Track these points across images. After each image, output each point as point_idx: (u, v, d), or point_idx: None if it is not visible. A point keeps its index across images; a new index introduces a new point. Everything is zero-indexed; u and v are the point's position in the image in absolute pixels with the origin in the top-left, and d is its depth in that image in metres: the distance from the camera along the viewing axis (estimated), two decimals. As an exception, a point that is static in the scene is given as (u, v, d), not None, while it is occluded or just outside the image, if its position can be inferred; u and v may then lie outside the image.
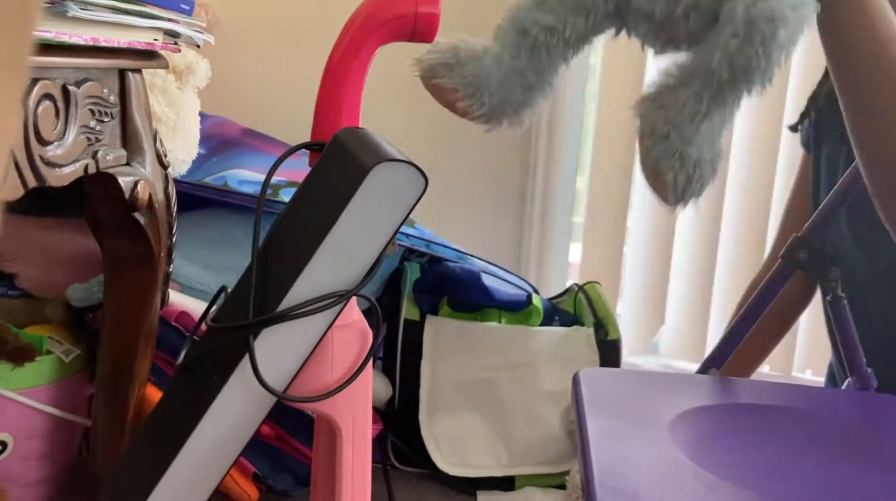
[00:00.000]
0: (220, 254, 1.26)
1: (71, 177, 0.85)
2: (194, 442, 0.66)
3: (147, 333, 1.05)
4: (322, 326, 0.66)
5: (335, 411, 0.71)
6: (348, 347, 0.70)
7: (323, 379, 0.69)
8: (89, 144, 0.87)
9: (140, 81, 0.96)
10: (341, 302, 0.65)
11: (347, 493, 0.73)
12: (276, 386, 0.66)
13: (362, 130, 0.67)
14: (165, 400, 0.74)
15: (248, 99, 1.71)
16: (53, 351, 1.16)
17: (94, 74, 0.87)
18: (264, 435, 1.18)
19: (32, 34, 0.29)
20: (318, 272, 0.64)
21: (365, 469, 0.74)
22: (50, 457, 1.18)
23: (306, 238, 0.64)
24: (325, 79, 0.68)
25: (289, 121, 1.61)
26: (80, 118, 0.85)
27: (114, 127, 0.92)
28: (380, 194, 0.62)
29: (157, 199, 1.00)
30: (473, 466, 1.29)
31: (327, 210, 0.63)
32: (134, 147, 0.96)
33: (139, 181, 0.95)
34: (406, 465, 1.36)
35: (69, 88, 0.83)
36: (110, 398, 1.08)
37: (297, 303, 0.64)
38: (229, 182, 1.29)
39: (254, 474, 1.18)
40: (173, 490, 0.67)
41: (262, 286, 0.66)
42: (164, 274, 1.06)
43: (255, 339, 0.64)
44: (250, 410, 0.67)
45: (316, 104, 0.70)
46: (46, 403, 1.13)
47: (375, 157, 0.61)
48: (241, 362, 0.65)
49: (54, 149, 0.82)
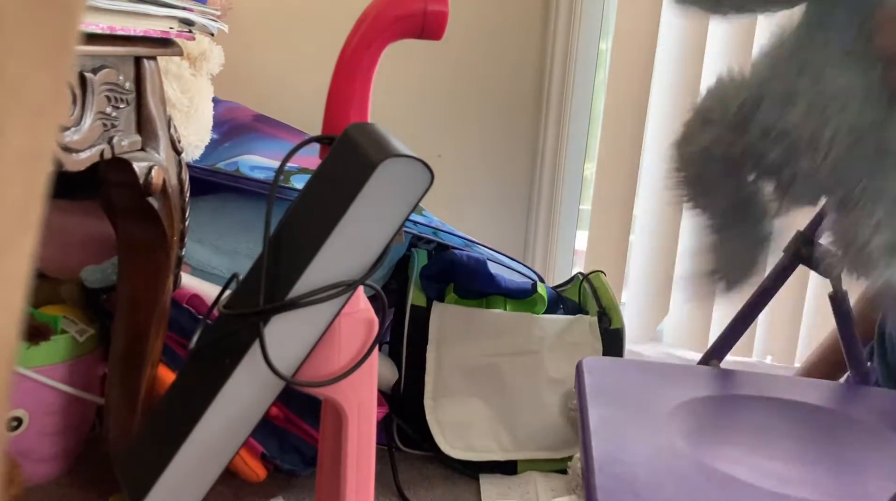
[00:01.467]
0: (232, 238, 1.28)
1: (87, 162, 0.87)
2: (205, 424, 0.69)
3: (159, 314, 1.08)
4: (330, 314, 0.68)
5: (341, 395, 0.73)
6: (355, 334, 0.72)
7: (330, 365, 0.71)
8: (105, 130, 0.89)
9: (155, 68, 0.98)
10: (349, 292, 0.67)
11: (352, 474, 0.75)
12: (284, 370, 0.68)
13: (371, 125, 0.69)
14: (178, 383, 0.76)
15: (260, 85, 1.73)
16: (68, 331, 1.18)
17: (110, 62, 0.89)
18: (273, 416, 1.21)
19: (79, 22, 0.30)
20: (327, 262, 0.66)
21: (370, 451, 0.76)
22: (63, 434, 1.20)
23: (316, 229, 0.66)
24: (335, 75, 0.70)
25: (300, 106, 1.63)
26: (96, 104, 0.87)
27: (129, 113, 0.94)
28: (387, 188, 0.64)
29: (171, 184, 1.01)
30: (476, 450, 1.32)
31: (336, 203, 0.65)
32: (148, 132, 0.98)
33: (153, 166, 0.97)
34: (410, 448, 1.38)
35: (86, 75, 0.84)
36: (123, 377, 1.11)
37: (306, 292, 0.66)
38: (241, 167, 1.31)
39: (262, 454, 1.20)
40: (184, 469, 0.69)
41: (273, 274, 0.68)
42: (176, 258, 1.08)
43: (265, 326, 0.66)
44: (260, 393, 0.70)
45: (327, 99, 0.71)
46: (60, 381, 1.16)
47: (383, 153, 0.63)
48: (251, 347, 0.67)
49: (71, 134, 0.83)
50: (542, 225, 1.82)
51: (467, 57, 1.76)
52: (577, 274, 1.53)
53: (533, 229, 1.83)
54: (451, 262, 1.36)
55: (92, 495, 1.19)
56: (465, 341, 1.34)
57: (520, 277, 1.44)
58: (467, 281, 1.35)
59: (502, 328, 1.34)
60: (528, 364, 1.33)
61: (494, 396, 1.33)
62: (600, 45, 1.78)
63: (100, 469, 1.23)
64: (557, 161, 1.78)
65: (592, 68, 1.78)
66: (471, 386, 1.33)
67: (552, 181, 1.79)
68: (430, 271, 1.37)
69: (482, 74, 1.77)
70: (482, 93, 1.79)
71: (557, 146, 1.78)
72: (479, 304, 1.37)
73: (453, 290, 1.37)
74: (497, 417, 1.33)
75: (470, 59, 1.76)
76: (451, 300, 1.37)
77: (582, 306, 1.44)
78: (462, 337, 1.34)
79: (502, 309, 1.37)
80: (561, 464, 1.34)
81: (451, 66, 1.76)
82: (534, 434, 1.32)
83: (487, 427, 1.32)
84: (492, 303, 1.38)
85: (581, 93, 1.76)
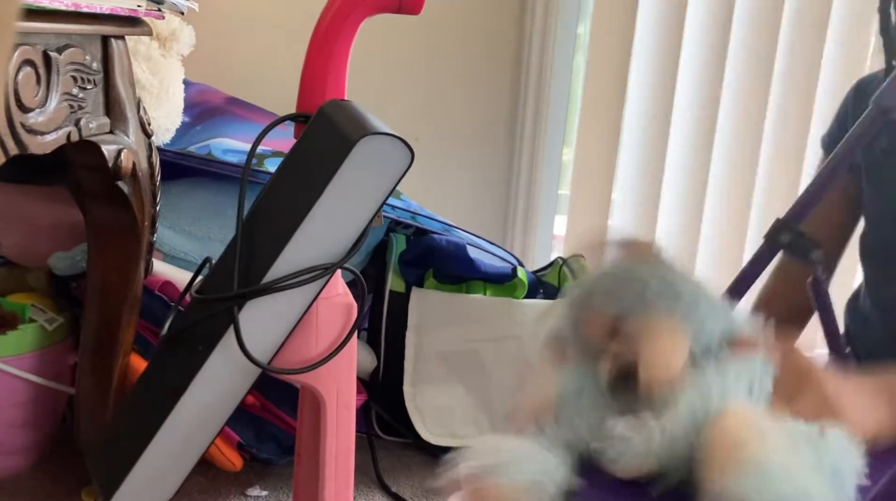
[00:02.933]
0: (204, 224, 1.26)
1: (53, 144, 0.84)
2: (179, 413, 0.66)
3: (131, 302, 1.05)
4: (307, 298, 0.66)
5: (319, 382, 0.71)
6: (333, 320, 0.70)
7: (307, 351, 0.69)
8: (72, 112, 0.86)
9: (123, 48, 0.95)
10: (326, 275, 0.66)
11: (331, 462, 0.73)
12: (260, 357, 0.66)
13: (348, 103, 0.67)
14: (150, 371, 0.74)
15: (232, 67, 1.69)
16: (36, 320, 1.15)
17: (75, 40, 0.86)
18: (249, 405, 1.19)
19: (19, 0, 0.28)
20: (303, 245, 0.64)
21: (349, 438, 0.74)
22: (33, 425, 1.18)
23: (291, 210, 0.64)
24: (310, 50, 0.68)
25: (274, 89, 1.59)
26: (61, 85, 0.84)
27: (97, 94, 0.91)
28: (365, 167, 0.62)
29: (141, 168, 0.99)
30: (457, 436, 1.31)
31: (312, 182, 0.63)
32: (117, 115, 0.95)
33: (123, 149, 0.94)
34: (390, 435, 1.37)
35: (50, 54, 0.81)
36: (94, 366, 1.08)
37: (281, 276, 0.64)
38: (213, 151, 1.28)
39: (238, 443, 1.18)
40: (158, 460, 0.67)
41: (247, 258, 0.66)
42: (147, 244, 1.05)
43: (239, 311, 0.64)
44: (235, 381, 0.68)
45: (301, 76, 0.69)
46: (29, 371, 1.13)
47: (361, 130, 0.61)
48: (225, 334, 0.65)
49: (36, 116, 0.81)
50: (521, 209, 1.81)
51: (444, 40, 1.74)
52: (557, 258, 1.52)
53: (512, 214, 1.82)
54: (430, 247, 1.34)
55: (63, 487, 1.16)
56: (444, 327, 1.33)
57: (500, 262, 1.42)
58: (447, 266, 1.34)
59: (482, 313, 1.33)
60: (508, 349, 1.32)
61: (475, 382, 1.32)
62: (578, 29, 1.77)
63: (71, 461, 1.21)
64: (536, 145, 1.77)
65: (570, 52, 1.77)
66: (451, 371, 1.32)
67: (531, 166, 1.78)
68: (408, 256, 1.35)
69: (459, 59, 1.75)
70: (460, 78, 1.77)
71: (536, 131, 1.76)
72: (458, 289, 1.36)
73: (433, 275, 1.35)
74: (478, 403, 1.32)
75: (447, 42, 1.74)
76: (431, 285, 1.35)
77: (562, 290, 1.43)
78: (442, 323, 1.33)
79: (482, 295, 1.36)
80: (541, 450, 1.33)
81: (427, 51, 1.73)
82: (514, 419, 1.32)
83: (468, 413, 1.31)
84: (472, 289, 1.37)
85: (559, 78, 1.75)
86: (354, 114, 0.64)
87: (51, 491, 1.15)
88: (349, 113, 0.64)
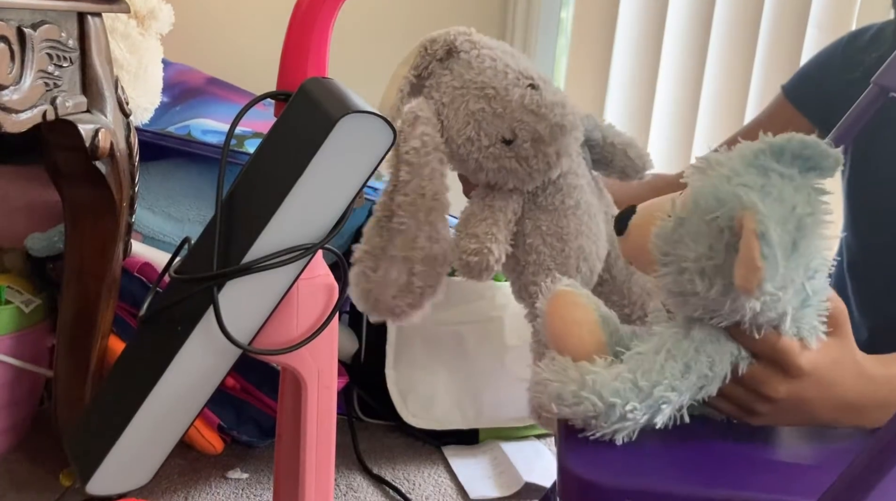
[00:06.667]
0: (183, 205, 1.24)
1: (28, 123, 0.83)
2: (157, 394, 0.66)
3: (109, 283, 1.04)
4: (288, 279, 0.66)
5: (300, 364, 0.71)
6: (314, 300, 0.70)
7: (288, 332, 0.69)
8: (47, 90, 0.85)
9: (100, 26, 0.93)
10: (307, 256, 0.65)
11: (312, 445, 0.73)
12: (241, 338, 0.65)
13: (329, 80, 0.66)
14: (128, 352, 0.73)
15: (212, 46, 1.67)
16: (13, 301, 1.14)
17: (51, 17, 0.84)
18: (229, 387, 1.18)
19: None
20: (284, 224, 0.63)
21: (330, 420, 0.74)
22: (10, 408, 1.16)
23: (272, 189, 0.63)
24: (291, 26, 0.66)
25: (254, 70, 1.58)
26: (36, 62, 0.82)
27: (73, 72, 0.90)
28: (347, 146, 0.61)
29: (119, 148, 0.97)
30: (439, 419, 1.31)
31: (293, 161, 0.62)
32: (94, 93, 0.93)
33: (100, 129, 0.92)
34: (372, 417, 1.37)
35: (25, 31, 0.80)
36: (72, 348, 1.07)
37: (262, 256, 0.63)
38: (193, 131, 1.26)
39: (218, 425, 1.18)
40: (136, 443, 0.67)
41: (227, 237, 0.65)
42: (126, 225, 1.04)
43: (219, 291, 0.64)
44: (215, 362, 0.67)
45: (282, 52, 0.68)
46: (6, 353, 1.12)
47: (343, 108, 0.60)
48: (205, 314, 0.64)
49: (10, 93, 0.79)
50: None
51: (427, 22, 1.72)
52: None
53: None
54: (412, 230, 1.33)
55: (42, 470, 1.15)
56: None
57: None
58: (428, 248, 1.33)
59: (464, 295, 1.33)
60: (490, 331, 1.32)
61: (456, 364, 1.32)
62: (561, 14, 1.76)
63: (49, 444, 1.20)
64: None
65: (554, 36, 1.76)
66: (433, 354, 1.32)
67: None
68: (390, 239, 1.35)
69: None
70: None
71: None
72: (440, 272, 1.35)
73: (414, 258, 1.35)
74: (459, 385, 1.32)
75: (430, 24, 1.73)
76: (412, 268, 1.34)
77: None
78: (423, 306, 1.32)
79: (464, 277, 1.36)
80: (522, 432, 1.34)
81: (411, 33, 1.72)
82: (496, 402, 1.32)
83: (450, 396, 1.31)
84: (454, 271, 1.36)
85: (542, 61, 1.75)
86: (336, 91, 0.63)
87: (29, 474, 1.14)
88: (331, 91, 0.63)
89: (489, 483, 1.22)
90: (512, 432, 1.33)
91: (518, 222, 0.81)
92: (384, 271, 0.78)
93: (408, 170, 0.75)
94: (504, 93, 0.76)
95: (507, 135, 0.76)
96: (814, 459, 0.64)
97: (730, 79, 1.63)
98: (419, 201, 0.75)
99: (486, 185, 0.80)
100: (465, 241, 0.78)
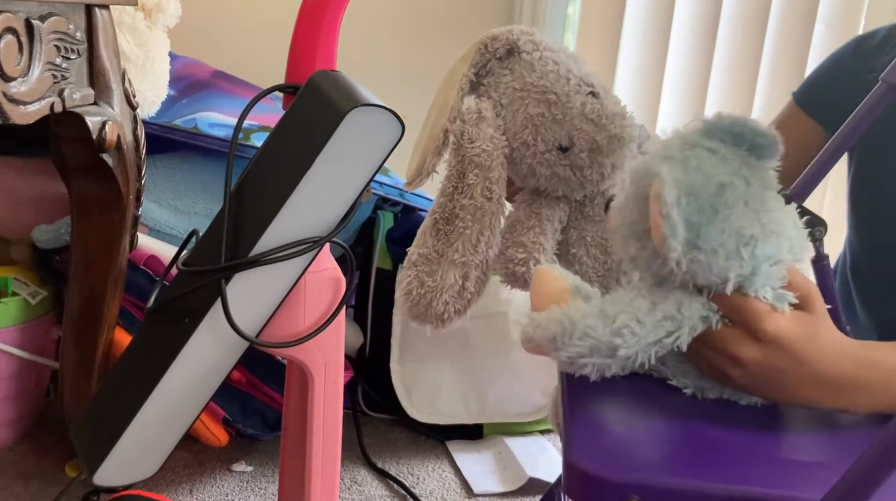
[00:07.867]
0: (190, 198, 1.24)
1: (36, 115, 0.83)
2: (164, 387, 0.66)
3: (116, 276, 1.04)
4: (295, 272, 0.66)
5: (307, 357, 0.71)
6: (321, 294, 0.70)
7: (295, 325, 0.69)
8: (55, 82, 0.85)
9: (108, 18, 0.93)
10: (315, 249, 0.65)
11: (318, 438, 0.73)
12: (248, 330, 0.65)
13: (338, 73, 0.66)
14: (135, 344, 0.73)
15: (219, 39, 1.67)
16: (19, 293, 1.14)
17: (59, 9, 0.84)
18: (235, 380, 1.18)
19: None
20: (292, 217, 0.63)
21: (336, 414, 0.74)
22: (17, 399, 1.17)
23: (280, 182, 0.63)
24: (300, 19, 0.66)
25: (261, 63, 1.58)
26: (44, 54, 0.82)
27: (80, 64, 0.90)
28: (355, 139, 0.61)
29: (126, 140, 0.97)
30: (443, 414, 1.31)
31: (301, 154, 0.62)
32: (102, 86, 0.93)
33: (107, 121, 0.92)
34: (376, 412, 1.37)
35: (33, 23, 0.80)
36: (78, 340, 1.07)
37: (270, 249, 0.63)
38: (200, 125, 1.26)
39: (224, 418, 1.18)
40: (142, 435, 0.67)
41: (235, 230, 0.65)
42: (132, 217, 1.04)
43: (227, 284, 0.64)
44: (222, 355, 0.67)
45: (290, 45, 0.68)
46: (13, 345, 1.12)
47: (351, 101, 0.60)
48: (212, 306, 0.64)
49: (18, 85, 0.79)
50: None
51: (435, 18, 1.72)
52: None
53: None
54: (418, 225, 1.33)
55: (48, 462, 1.15)
56: (431, 304, 1.32)
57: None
58: (434, 243, 1.33)
59: (469, 291, 1.33)
60: (494, 326, 1.32)
61: (461, 359, 1.32)
62: (568, 9, 1.76)
63: (55, 436, 1.20)
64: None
65: (560, 32, 1.76)
66: (438, 349, 1.32)
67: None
68: (396, 234, 1.35)
69: (450, 37, 1.74)
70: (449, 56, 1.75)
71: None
72: (445, 267, 1.35)
73: (420, 253, 1.35)
74: (464, 380, 1.32)
75: (437, 20, 1.73)
76: (418, 263, 1.34)
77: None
78: (428, 300, 1.32)
79: (469, 272, 1.35)
80: (527, 427, 1.34)
81: (418, 28, 1.72)
82: (501, 397, 1.32)
83: (454, 391, 1.31)
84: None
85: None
86: (345, 84, 0.63)
87: (35, 466, 1.15)
88: (339, 84, 0.63)
89: (493, 478, 1.22)
90: (516, 427, 1.33)
91: (563, 231, 0.79)
92: (441, 276, 0.75)
93: (476, 173, 0.73)
94: (565, 100, 0.74)
95: (564, 143, 0.74)
96: (825, 455, 0.63)
97: (737, 75, 1.63)
98: (486, 205, 0.73)
99: (534, 191, 0.79)
100: (511, 250, 0.76)
